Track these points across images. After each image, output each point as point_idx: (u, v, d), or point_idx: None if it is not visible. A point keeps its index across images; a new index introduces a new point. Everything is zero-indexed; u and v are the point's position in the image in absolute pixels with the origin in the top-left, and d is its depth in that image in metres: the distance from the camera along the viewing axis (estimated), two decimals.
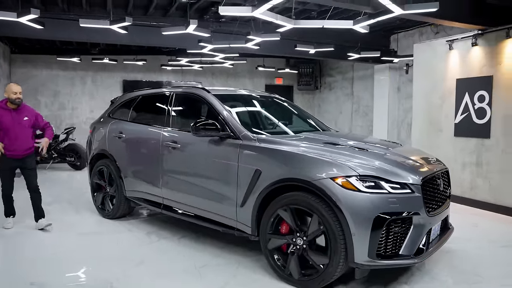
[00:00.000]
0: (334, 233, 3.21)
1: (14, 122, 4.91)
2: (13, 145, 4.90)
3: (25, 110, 5.08)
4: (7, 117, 4.90)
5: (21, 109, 5.03)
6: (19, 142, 4.93)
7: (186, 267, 3.94)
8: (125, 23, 5.87)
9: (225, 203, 4.00)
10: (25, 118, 5.01)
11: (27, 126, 5.02)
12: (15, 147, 4.91)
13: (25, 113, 5.05)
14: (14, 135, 4.90)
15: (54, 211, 6.00)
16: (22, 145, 4.96)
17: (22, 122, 4.97)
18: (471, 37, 6.44)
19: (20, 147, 4.95)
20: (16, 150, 4.92)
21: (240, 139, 3.96)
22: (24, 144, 4.98)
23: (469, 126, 6.53)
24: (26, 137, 5.01)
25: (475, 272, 3.89)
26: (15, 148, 4.91)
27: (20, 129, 4.94)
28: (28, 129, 5.04)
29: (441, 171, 3.87)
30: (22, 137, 4.95)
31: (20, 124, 4.95)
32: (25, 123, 5.00)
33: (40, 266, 3.96)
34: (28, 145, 5.04)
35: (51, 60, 11.38)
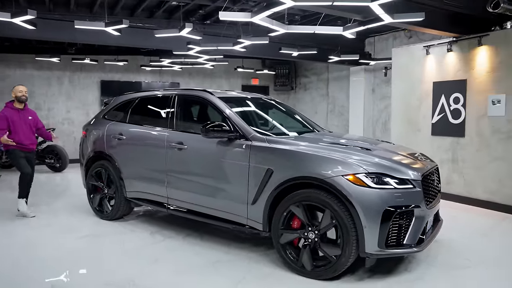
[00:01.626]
0: (346, 226, 3.50)
1: (21, 120, 5.74)
2: (20, 140, 5.69)
3: (29, 111, 6.01)
4: (16, 116, 5.71)
5: (26, 110, 5.92)
6: (25, 137, 5.76)
7: (200, 263, 4.12)
8: (121, 26, 5.93)
9: (235, 201, 4.20)
10: (29, 117, 5.90)
11: (32, 124, 5.90)
12: (24, 141, 5.74)
13: (29, 114, 5.95)
14: (22, 131, 5.72)
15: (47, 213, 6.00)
16: (27, 139, 5.80)
17: (27, 121, 5.83)
18: (446, 43, 6.94)
19: (28, 141, 5.80)
20: (25, 144, 5.77)
21: (250, 140, 4.18)
22: (29, 139, 5.83)
23: (445, 126, 7.04)
24: (30, 133, 5.87)
25: (464, 257, 4.32)
26: (24, 142, 5.74)
27: (26, 127, 5.79)
28: (32, 127, 5.90)
29: (434, 168, 4.26)
30: (27, 133, 5.81)
31: (26, 122, 5.81)
32: (30, 121, 5.88)
33: (53, 266, 4.01)
34: (32, 140, 5.91)
35: (25, 60, 11.11)
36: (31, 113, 6.03)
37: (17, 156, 5.74)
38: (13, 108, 5.73)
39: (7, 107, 5.74)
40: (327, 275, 3.65)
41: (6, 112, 5.67)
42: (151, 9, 8.08)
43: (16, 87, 5.80)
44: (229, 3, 7.08)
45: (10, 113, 5.66)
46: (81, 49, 11.21)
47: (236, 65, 12.44)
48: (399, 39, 9.84)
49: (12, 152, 5.74)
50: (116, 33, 6.54)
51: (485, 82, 6.46)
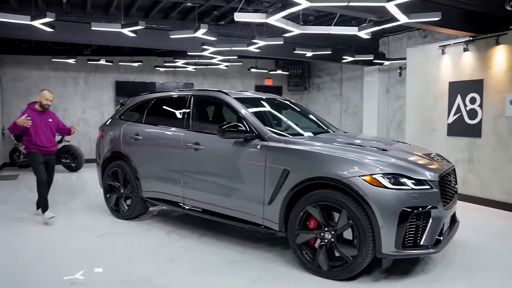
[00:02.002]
0: (363, 226, 3.50)
1: (42, 123, 5.71)
2: (42, 142, 5.66)
3: (49, 113, 5.96)
4: (36, 118, 5.64)
5: (47, 112, 5.89)
6: (46, 139, 5.73)
7: (216, 263, 4.15)
8: (137, 27, 5.99)
9: (252, 201, 4.23)
10: (49, 119, 5.86)
11: (52, 126, 5.87)
12: (43, 144, 5.68)
13: (50, 116, 5.91)
14: (42, 133, 5.69)
15: (64, 213, 6.10)
16: (48, 142, 5.77)
17: (48, 123, 5.80)
18: (462, 43, 6.87)
19: (47, 143, 5.73)
20: (44, 147, 5.69)
21: (266, 140, 4.20)
22: (50, 142, 5.80)
23: (461, 126, 6.97)
24: (51, 135, 5.84)
25: (480, 259, 4.28)
26: (44, 144, 5.68)
27: (46, 129, 5.76)
28: (52, 129, 5.87)
29: (451, 168, 4.23)
30: (48, 135, 5.77)
31: (46, 124, 5.77)
32: (50, 124, 5.84)
33: (71, 264, 4.09)
34: (52, 142, 5.88)
35: (42, 61, 11.30)
36: (51, 115, 5.98)
37: (35, 161, 5.64)
38: (35, 110, 5.71)
39: (29, 109, 5.72)
40: (344, 275, 3.65)
41: (28, 112, 5.62)
42: (166, 10, 8.15)
43: (43, 93, 5.71)
44: (243, 4, 7.10)
45: (31, 115, 5.56)
46: (96, 50, 11.34)
47: (250, 66, 12.48)
48: (414, 38, 9.77)
49: (32, 155, 5.66)
50: (132, 34, 6.62)
51: (502, 81, 6.38)
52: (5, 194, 7.55)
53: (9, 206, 6.65)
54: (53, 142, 5.91)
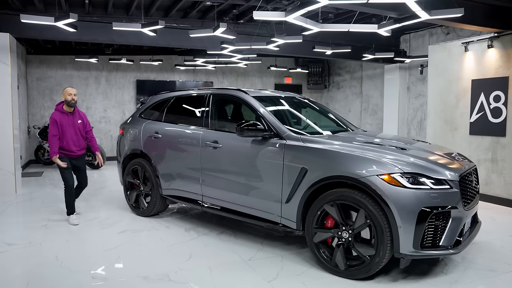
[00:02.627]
0: (381, 226, 3.47)
1: (70, 124, 5.48)
2: (70, 146, 5.47)
3: (79, 114, 5.68)
4: (65, 120, 5.45)
5: (76, 113, 5.62)
6: (73, 143, 5.51)
7: (235, 260, 4.19)
8: (157, 26, 6.07)
9: (269, 200, 4.24)
10: (79, 121, 5.61)
11: (81, 128, 5.63)
12: (72, 148, 5.49)
13: (79, 117, 5.65)
14: (71, 136, 5.48)
15: (85, 210, 6.24)
16: (77, 145, 5.56)
17: (76, 125, 5.56)
18: (487, 39, 6.71)
19: (76, 147, 5.54)
20: (72, 151, 5.50)
21: (284, 139, 4.21)
22: (78, 145, 5.58)
23: (484, 125, 6.81)
24: (79, 138, 5.61)
25: (503, 261, 4.18)
26: (71, 148, 5.49)
27: (75, 131, 5.53)
28: (81, 131, 5.63)
29: (472, 168, 4.15)
30: (77, 138, 5.56)
31: (75, 126, 5.54)
32: (79, 125, 5.61)
33: (94, 260, 4.19)
34: (82, 145, 5.67)
35: (65, 61, 11.56)
36: (80, 116, 5.68)
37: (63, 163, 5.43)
38: (63, 112, 5.43)
39: (57, 110, 5.44)
40: (361, 275, 3.63)
41: (56, 116, 5.38)
42: (185, 10, 8.22)
43: (65, 90, 5.45)
44: (262, 3, 7.11)
45: (60, 117, 5.38)
46: (117, 50, 11.55)
47: (269, 64, 12.48)
48: (436, 35, 9.59)
49: (60, 159, 5.41)
50: (152, 33, 6.71)
51: None
52: (30, 190, 7.76)
53: (34, 202, 6.84)
54: (82, 145, 5.66)
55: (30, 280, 3.71)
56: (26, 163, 10.69)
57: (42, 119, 11.43)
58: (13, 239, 4.87)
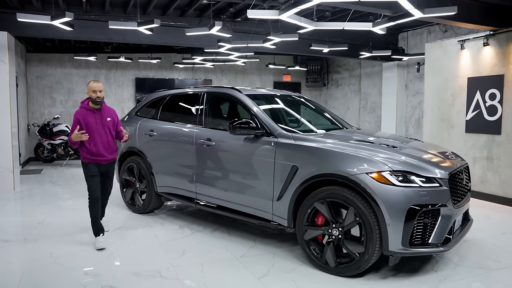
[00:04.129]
0: (370, 223, 3.49)
1: (98, 123, 4.49)
2: (98, 150, 4.47)
3: (107, 110, 4.67)
4: (90, 118, 4.46)
5: (104, 109, 4.60)
6: (103, 146, 4.51)
7: (227, 257, 4.22)
8: (153, 25, 6.10)
9: (261, 197, 4.27)
10: (108, 119, 4.58)
11: (111, 128, 4.60)
12: (100, 152, 4.49)
13: (108, 114, 4.63)
14: (99, 138, 4.48)
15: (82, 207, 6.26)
16: (107, 149, 4.56)
17: (105, 123, 4.55)
18: (482, 37, 6.71)
19: (105, 151, 4.54)
20: (101, 155, 4.50)
21: (276, 137, 4.23)
22: (108, 148, 4.57)
23: (480, 122, 6.82)
24: (110, 140, 4.60)
25: (494, 259, 4.20)
26: (100, 152, 4.49)
27: (104, 132, 4.53)
28: (111, 131, 4.62)
29: (463, 166, 4.16)
30: (106, 140, 4.55)
31: (104, 126, 4.53)
32: (108, 124, 4.57)
33: (88, 256, 4.23)
34: (114, 147, 4.67)
35: (65, 59, 11.61)
36: (110, 113, 4.66)
37: (89, 172, 4.52)
38: (88, 109, 4.48)
39: (81, 108, 4.51)
40: (350, 272, 3.66)
41: (79, 114, 4.44)
42: (183, 8, 8.25)
43: (89, 85, 4.48)
44: (259, 1, 7.12)
45: (84, 115, 4.43)
46: (116, 48, 11.59)
47: (268, 62, 12.49)
48: (434, 33, 9.58)
49: (84, 166, 4.54)
50: (148, 32, 6.73)
51: None
52: (29, 187, 7.81)
53: (33, 199, 6.90)
54: (113, 148, 4.65)
55: (23, 276, 3.76)
56: (25, 161, 10.75)
57: (41, 117, 11.49)
58: (8, 236, 4.93)
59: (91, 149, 4.44)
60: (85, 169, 4.56)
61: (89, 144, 4.43)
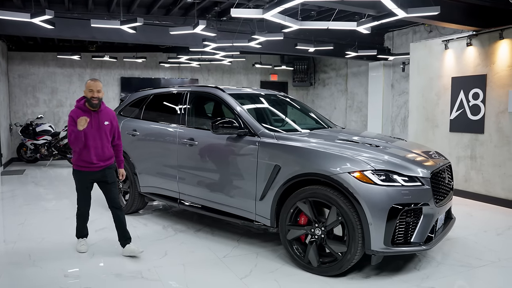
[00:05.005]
0: (352, 223, 3.48)
1: (93, 127, 4.06)
2: (90, 157, 4.06)
3: (106, 112, 4.21)
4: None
5: (102, 112, 4.16)
6: (99, 152, 4.10)
7: (209, 257, 4.18)
8: (136, 24, 6.02)
9: (244, 197, 4.24)
10: (106, 122, 4.15)
11: (108, 132, 4.17)
12: (92, 159, 4.06)
13: (106, 117, 4.19)
14: (93, 143, 4.05)
15: (65, 208, 6.18)
16: (102, 155, 4.14)
17: (103, 127, 4.11)
18: (466, 37, 6.77)
19: (100, 157, 4.12)
20: (93, 164, 4.08)
21: (258, 136, 4.20)
22: (102, 155, 4.14)
23: (464, 122, 6.88)
24: (106, 145, 4.17)
25: (476, 257, 4.23)
26: (91, 160, 4.06)
27: (100, 136, 4.10)
28: (108, 136, 4.19)
29: (446, 165, 4.18)
30: (102, 145, 4.12)
31: (100, 130, 4.10)
32: (106, 128, 4.14)
33: (68, 258, 4.15)
34: (108, 154, 4.21)
35: (48, 57, 11.43)
36: (108, 115, 4.21)
37: (80, 183, 4.17)
38: (84, 109, 4.04)
39: (76, 108, 4.08)
40: (333, 271, 3.64)
41: (75, 114, 4.01)
42: (167, 7, 8.18)
43: (87, 83, 4.04)
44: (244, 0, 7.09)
45: (79, 116, 3.96)
46: (101, 47, 11.45)
47: (254, 61, 12.46)
48: (419, 33, 9.64)
49: (75, 175, 4.17)
50: (132, 31, 6.65)
51: (506, 76, 6.27)
52: (12, 188, 7.68)
53: (15, 200, 6.79)
54: (106, 155, 4.18)
55: (1, 279, 3.66)
56: (8, 161, 10.56)
57: (24, 116, 11.30)
58: None
59: (82, 155, 4.04)
60: (75, 178, 4.17)
61: (82, 150, 4.03)
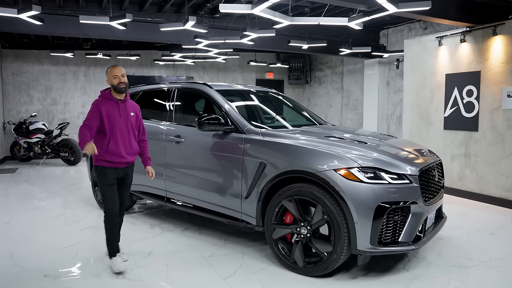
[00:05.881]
0: (338, 222, 3.39)
1: (122, 118, 3.68)
2: (118, 149, 3.66)
3: (131, 104, 3.89)
4: (114, 110, 3.66)
5: (128, 101, 3.84)
6: (125, 146, 3.71)
7: (194, 257, 4.10)
8: (125, 20, 5.93)
9: (230, 195, 4.16)
10: (131, 113, 3.81)
11: (134, 124, 3.83)
12: (121, 152, 3.67)
13: (132, 108, 3.86)
14: (121, 134, 3.67)
15: (56, 206, 6.11)
16: (129, 147, 3.75)
17: (129, 119, 3.77)
18: (459, 33, 6.68)
19: (126, 152, 3.71)
20: (120, 156, 3.67)
21: (244, 133, 4.12)
22: (131, 147, 3.78)
23: (458, 119, 6.79)
24: (132, 139, 3.80)
25: (468, 257, 4.14)
26: (120, 153, 3.66)
27: (126, 129, 3.72)
28: (134, 129, 3.84)
29: (436, 163, 4.09)
30: (129, 137, 3.75)
31: (127, 121, 3.74)
32: (132, 119, 3.80)
33: (51, 257, 4.07)
34: (136, 148, 3.85)
35: (42, 55, 11.34)
36: (133, 107, 3.88)
37: (105, 180, 3.69)
38: (111, 99, 3.68)
39: (102, 97, 3.72)
40: (319, 272, 3.55)
41: (100, 103, 3.65)
42: (159, 4, 8.08)
43: (108, 71, 3.72)
44: None
45: (106, 106, 3.63)
46: (95, 45, 11.36)
47: (249, 59, 12.36)
48: (414, 30, 9.55)
49: (100, 171, 3.70)
50: (121, 27, 6.56)
51: (499, 73, 6.18)
52: (4, 186, 7.62)
53: (7, 197, 6.74)
54: (134, 149, 3.82)
55: None
56: (1, 160, 10.49)
57: (18, 114, 11.21)
58: None
59: (110, 147, 3.61)
60: (100, 176, 3.72)
61: (110, 142, 3.62)
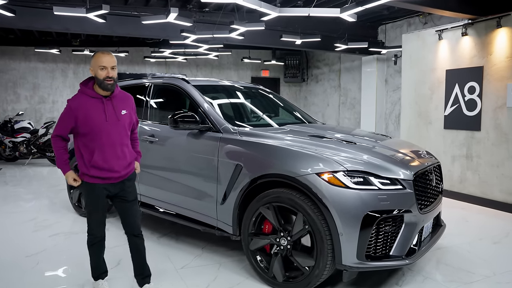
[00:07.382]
0: (320, 233, 2.99)
1: (109, 119, 2.85)
2: (107, 161, 2.85)
3: (121, 98, 3.00)
4: (96, 110, 2.82)
5: (117, 97, 2.94)
6: (116, 155, 2.89)
7: (165, 268, 3.72)
8: (102, 11, 5.55)
9: (205, 200, 3.77)
10: (123, 111, 2.94)
11: (127, 125, 2.98)
12: (110, 164, 2.87)
13: (123, 104, 2.97)
14: (108, 141, 2.85)
15: (31, 209, 5.77)
16: (123, 158, 2.94)
17: (120, 119, 2.91)
18: (460, 26, 6.26)
19: (117, 163, 2.90)
20: (110, 170, 2.87)
21: (221, 132, 3.73)
22: (125, 157, 2.97)
23: (459, 118, 6.37)
24: (126, 143, 2.98)
25: (468, 270, 3.73)
26: (110, 165, 2.86)
27: (117, 131, 2.89)
28: (128, 131, 3.01)
29: (433, 165, 3.68)
30: (119, 145, 2.91)
31: (117, 122, 2.89)
32: (124, 120, 2.94)
33: (8, 268, 3.71)
34: (130, 157, 3.02)
35: (29, 52, 10.97)
36: (125, 101, 3.01)
37: (90, 198, 2.97)
38: (92, 96, 2.83)
39: (81, 93, 2.86)
40: None
41: (77, 103, 2.80)
42: None
43: (95, 57, 2.84)
44: None
45: (86, 107, 2.79)
46: (84, 41, 10.98)
47: (243, 56, 11.97)
48: (414, 25, 9.13)
49: (87, 187, 2.93)
50: (100, 20, 6.17)
51: (504, 68, 5.75)
52: None
53: None
54: (128, 158, 2.99)
55: None
56: None
57: (4, 113, 10.85)
58: None
59: (95, 159, 2.81)
60: (85, 194, 2.99)
61: (92, 153, 2.82)
